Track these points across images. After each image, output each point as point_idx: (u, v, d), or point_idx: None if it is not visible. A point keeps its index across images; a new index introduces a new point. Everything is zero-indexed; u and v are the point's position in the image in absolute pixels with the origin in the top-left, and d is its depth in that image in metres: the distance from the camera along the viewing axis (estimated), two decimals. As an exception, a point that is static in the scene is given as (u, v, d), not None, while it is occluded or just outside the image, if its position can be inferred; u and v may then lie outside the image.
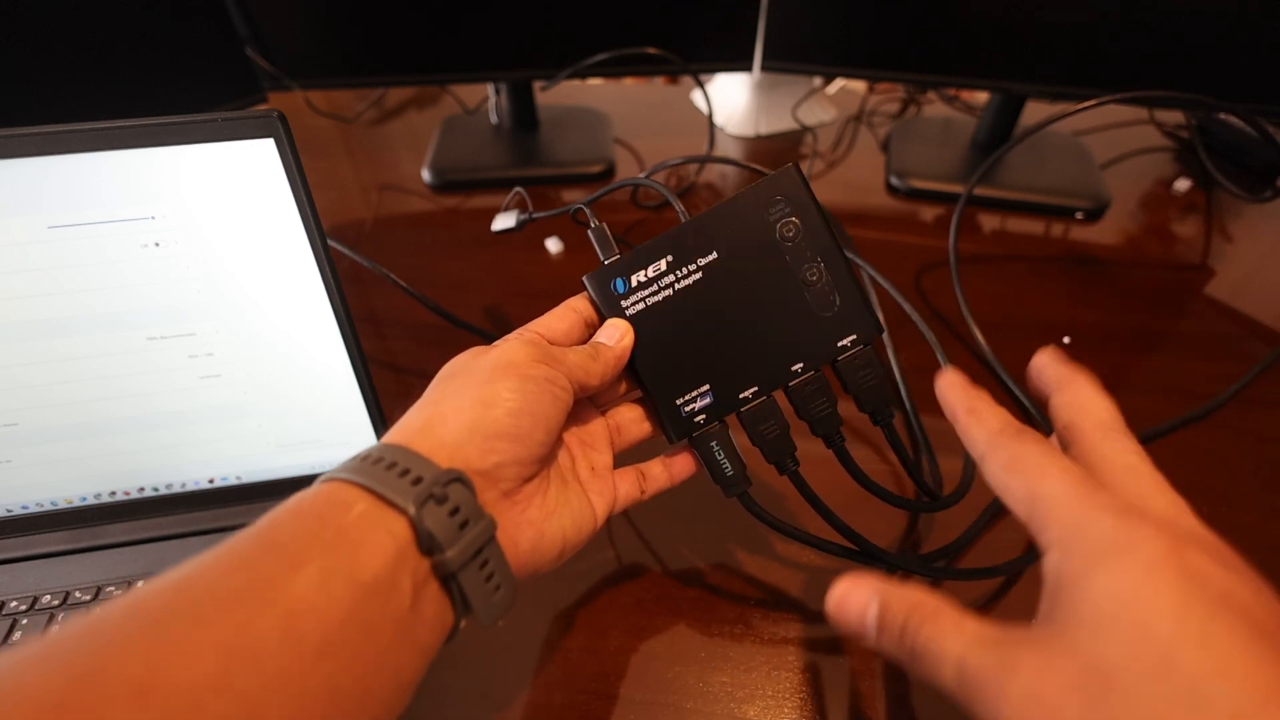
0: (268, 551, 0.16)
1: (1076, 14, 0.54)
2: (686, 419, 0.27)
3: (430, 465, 0.19)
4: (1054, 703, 0.15)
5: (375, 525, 0.18)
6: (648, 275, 0.26)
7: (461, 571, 0.19)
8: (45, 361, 0.30)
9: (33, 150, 0.27)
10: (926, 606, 0.18)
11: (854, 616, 0.19)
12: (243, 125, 0.28)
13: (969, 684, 0.16)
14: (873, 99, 0.80)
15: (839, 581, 0.20)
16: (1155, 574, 0.15)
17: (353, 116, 0.77)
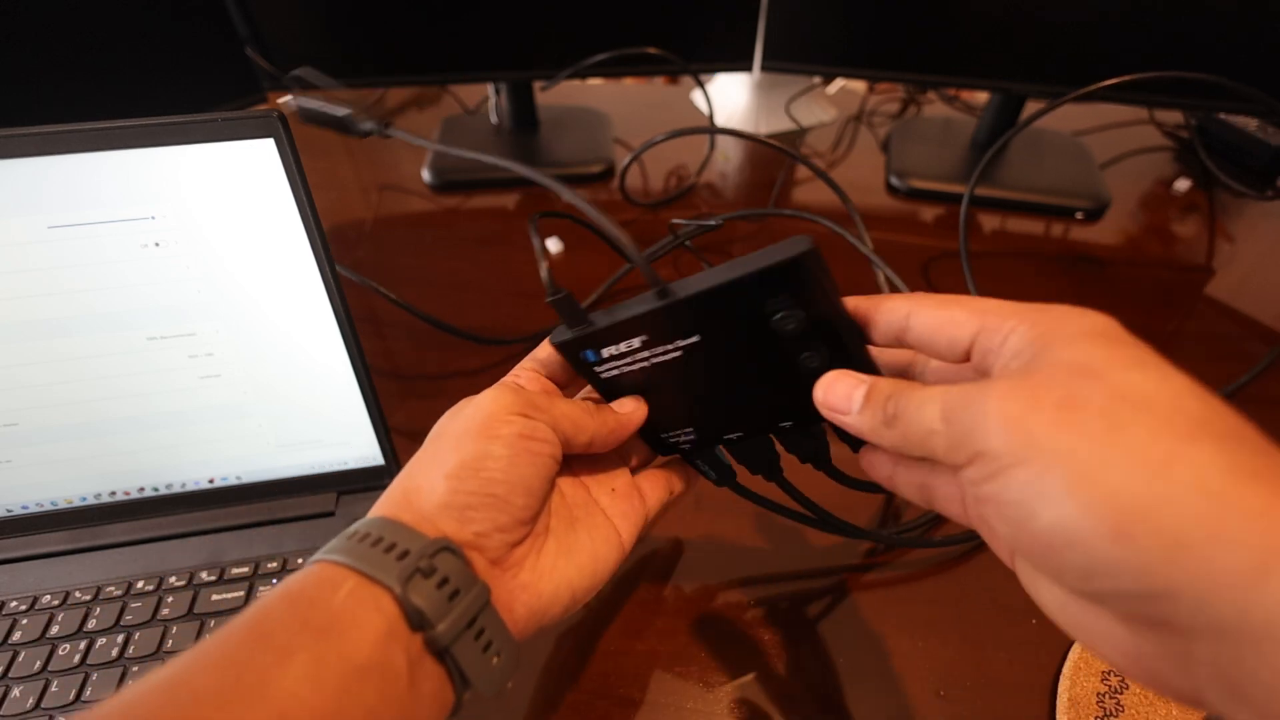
0: (255, 644, 0.16)
1: (1076, 14, 0.54)
2: (672, 445, 0.27)
3: (416, 537, 0.19)
4: (1038, 387, 0.15)
5: (363, 603, 0.17)
6: (619, 350, 0.24)
7: (455, 644, 0.18)
8: (45, 361, 0.30)
9: (32, 150, 0.27)
10: (910, 381, 0.19)
11: (841, 397, 0.20)
12: (242, 125, 0.28)
13: (951, 416, 0.17)
14: (873, 99, 0.81)
15: (826, 375, 0.21)
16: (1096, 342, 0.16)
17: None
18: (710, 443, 0.26)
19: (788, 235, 0.21)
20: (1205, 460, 0.13)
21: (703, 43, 0.63)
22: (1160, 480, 0.13)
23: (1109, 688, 0.29)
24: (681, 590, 0.34)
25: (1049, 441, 0.14)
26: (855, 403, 0.19)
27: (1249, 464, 0.13)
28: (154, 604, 0.31)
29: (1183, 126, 0.73)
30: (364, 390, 0.34)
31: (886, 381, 0.19)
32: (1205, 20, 0.51)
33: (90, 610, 0.31)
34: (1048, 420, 0.15)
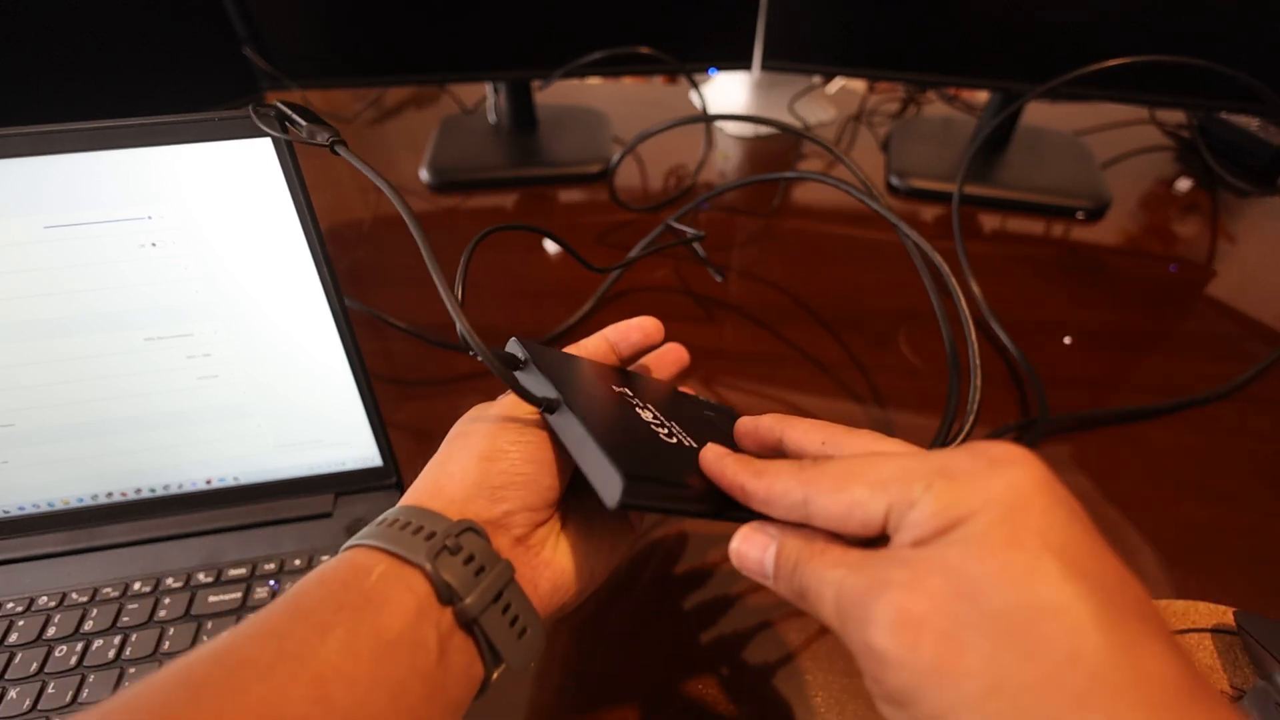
0: (296, 619, 0.17)
1: (1076, 13, 0.53)
2: None
3: (442, 520, 0.20)
4: (919, 618, 0.15)
5: (395, 583, 0.19)
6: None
7: (483, 616, 0.19)
8: (42, 362, 0.30)
9: (28, 150, 0.27)
10: (815, 543, 0.18)
11: (754, 562, 0.20)
12: (239, 124, 0.27)
13: (845, 607, 0.16)
14: (872, 99, 0.80)
15: (738, 531, 0.20)
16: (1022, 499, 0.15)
17: (351, 116, 0.77)
18: None
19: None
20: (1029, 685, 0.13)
21: (702, 41, 0.63)
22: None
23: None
24: (681, 592, 0.34)
25: (934, 696, 0.14)
26: (768, 568, 0.19)
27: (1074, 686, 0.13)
28: (151, 605, 0.31)
29: (1184, 126, 0.73)
30: (362, 391, 0.34)
31: (792, 545, 0.19)
32: (1205, 19, 0.51)
33: (87, 612, 0.31)
34: (930, 663, 0.14)
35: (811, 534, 0.19)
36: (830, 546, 0.18)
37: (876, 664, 0.15)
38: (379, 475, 0.36)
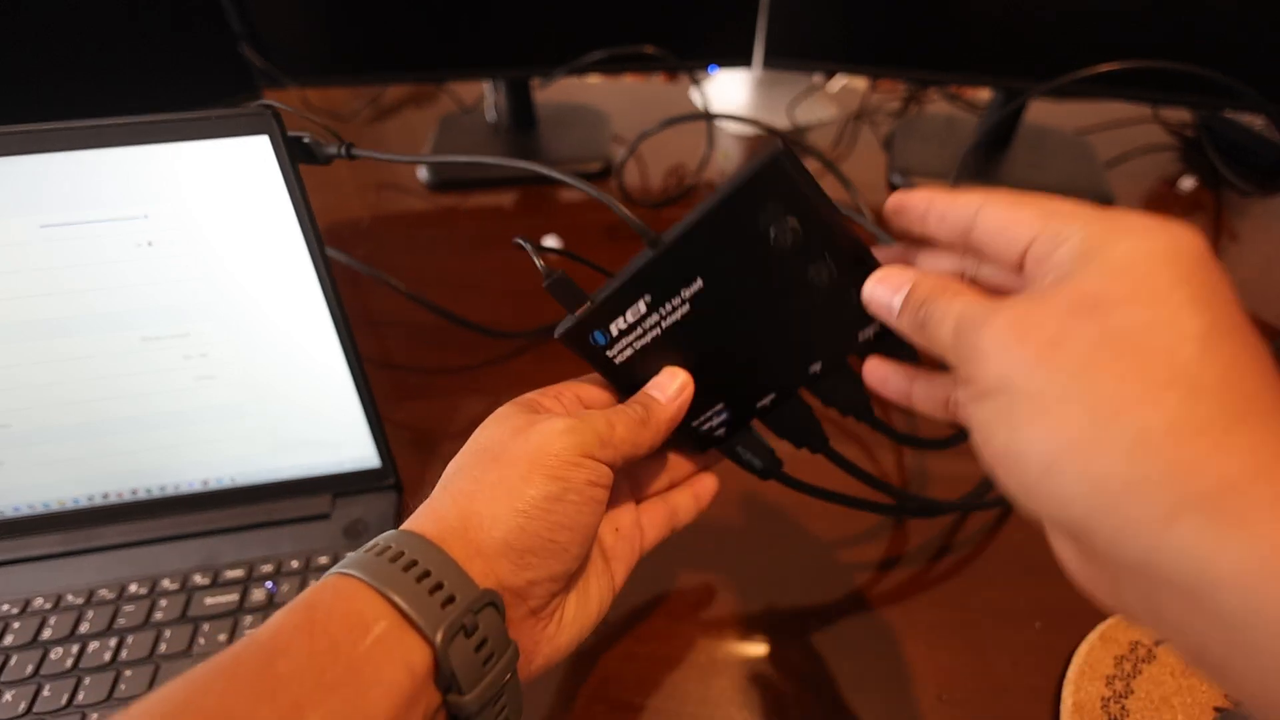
0: (262, 698, 0.14)
1: (1078, 11, 0.53)
2: (706, 435, 0.25)
3: (466, 582, 0.17)
4: (1035, 321, 0.15)
5: (392, 654, 0.16)
6: (628, 321, 0.23)
7: (478, 716, 0.17)
8: (38, 362, 0.30)
9: (24, 148, 0.26)
10: (951, 285, 0.19)
11: (883, 301, 0.20)
12: (236, 122, 0.27)
13: (960, 329, 0.17)
14: (874, 97, 0.80)
15: (876, 272, 0.21)
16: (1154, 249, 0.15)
17: (349, 115, 0.77)
18: (745, 417, 0.25)
19: None
20: (1158, 412, 0.13)
21: (703, 40, 0.62)
22: (1102, 427, 0.14)
23: (1114, 693, 0.28)
24: (681, 595, 0.33)
25: (1023, 379, 0.15)
26: (895, 303, 0.20)
27: (1210, 418, 0.13)
28: (148, 607, 0.31)
29: (1188, 125, 0.73)
30: (360, 391, 0.33)
31: (927, 282, 0.19)
32: (1208, 18, 0.51)
33: (83, 614, 0.31)
34: (1031, 356, 0.15)
35: (945, 276, 0.19)
36: (964, 287, 0.18)
37: (977, 361, 0.16)
38: (377, 476, 0.36)
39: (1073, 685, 0.29)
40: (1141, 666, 0.29)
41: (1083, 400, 0.14)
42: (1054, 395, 0.15)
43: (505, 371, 0.46)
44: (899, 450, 0.40)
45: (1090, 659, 0.29)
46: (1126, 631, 0.30)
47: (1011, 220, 0.17)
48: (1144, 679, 0.29)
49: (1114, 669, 0.29)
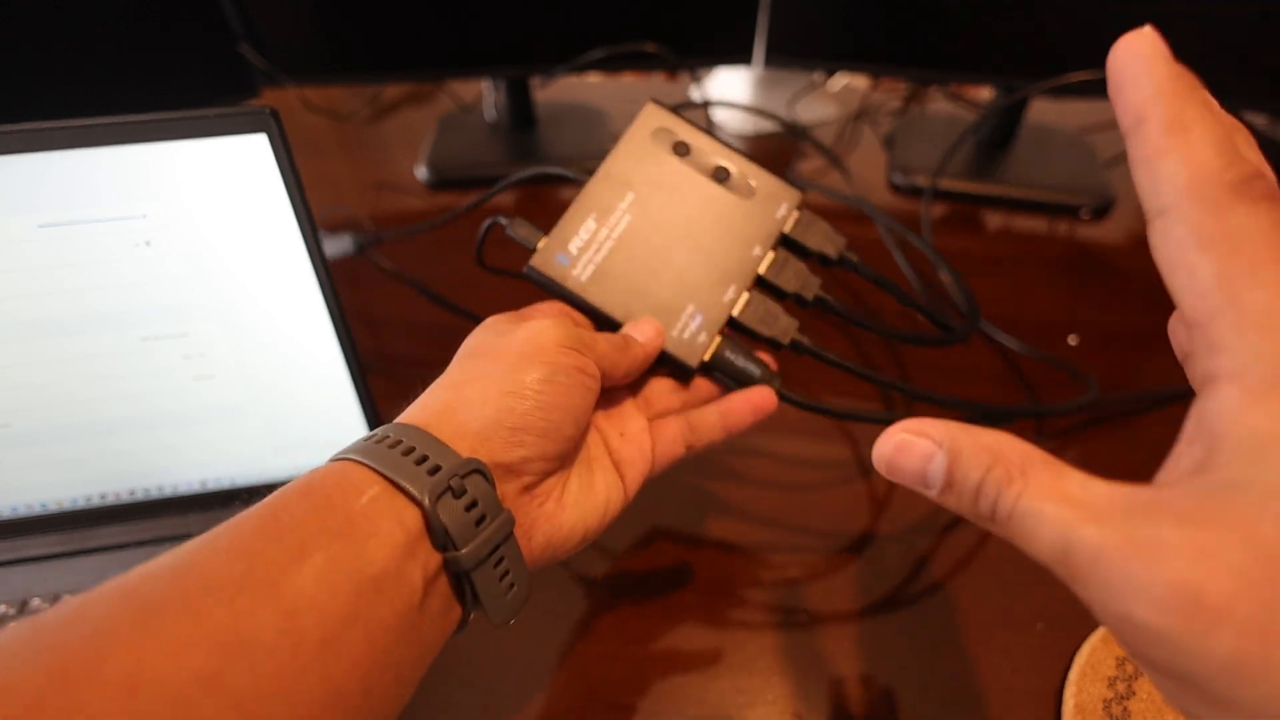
0: (270, 538, 0.15)
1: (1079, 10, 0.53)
2: (689, 344, 0.27)
3: (449, 453, 0.18)
4: (1216, 602, 0.11)
5: (385, 514, 0.17)
6: (583, 238, 0.27)
7: (475, 570, 0.18)
8: (36, 362, 0.30)
9: (20, 147, 0.26)
10: (1010, 459, 0.14)
11: (913, 470, 0.15)
12: (235, 121, 0.27)
13: (1082, 565, 0.12)
14: (875, 96, 0.80)
15: (893, 429, 0.16)
16: None
17: (348, 114, 0.77)
18: (715, 310, 0.28)
19: None
20: None
21: (703, 38, 0.62)
22: None
23: (1115, 694, 0.28)
24: (681, 595, 0.33)
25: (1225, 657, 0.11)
26: (935, 481, 0.15)
27: None
28: (146, 608, 0.31)
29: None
30: (358, 390, 0.33)
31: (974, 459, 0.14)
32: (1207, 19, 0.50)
33: (81, 615, 0.30)
34: (1228, 637, 0.11)
35: (1001, 440, 0.14)
36: (1038, 465, 0.14)
37: (1141, 638, 0.12)
38: (377, 476, 0.36)
39: (1074, 686, 0.29)
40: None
41: None
42: None
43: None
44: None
45: (1092, 660, 0.29)
46: (1128, 632, 0.30)
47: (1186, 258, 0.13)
48: (1146, 680, 0.28)
49: (1116, 670, 0.29)
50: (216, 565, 0.15)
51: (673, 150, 0.28)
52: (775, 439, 0.31)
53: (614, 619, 0.32)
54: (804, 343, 0.28)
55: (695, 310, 0.27)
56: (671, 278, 0.27)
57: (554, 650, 0.31)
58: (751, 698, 0.29)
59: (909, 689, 0.30)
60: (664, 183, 0.28)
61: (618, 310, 0.27)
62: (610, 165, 0.28)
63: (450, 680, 0.30)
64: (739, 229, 0.28)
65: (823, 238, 0.29)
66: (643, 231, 0.28)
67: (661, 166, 0.28)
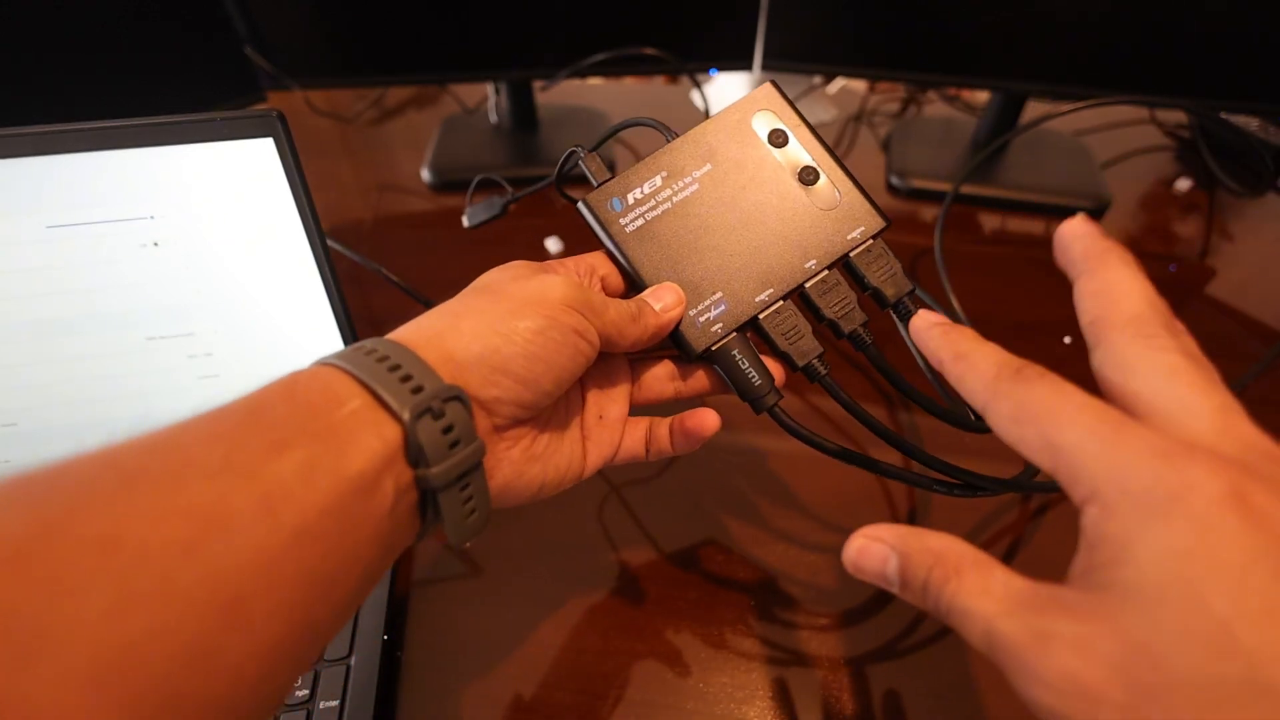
0: (251, 430, 0.16)
1: (1078, 13, 0.53)
2: (703, 330, 0.26)
3: (433, 376, 0.19)
4: (1094, 687, 0.13)
5: (366, 425, 0.17)
6: (643, 191, 0.26)
7: (443, 491, 0.19)
8: (44, 361, 0.30)
9: (31, 150, 0.27)
10: (948, 560, 0.17)
11: (874, 572, 0.18)
12: (241, 125, 0.28)
13: (1000, 653, 0.15)
14: (873, 98, 0.80)
15: (855, 535, 0.19)
16: (1210, 531, 0.13)
17: (352, 116, 0.77)
18: (741, 310, 0.26)
19: None
20: None
21: (703, 42, 0.63)
22: None
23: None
24: (681, 591, 0.34)
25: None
26: (891, 580, 0.18)
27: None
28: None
29: (1183, 126, 0.73)
30: (363, 390, 0.34)
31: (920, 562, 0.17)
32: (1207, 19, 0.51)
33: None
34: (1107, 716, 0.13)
35: (941, 543, 0.17)
36: (969, 566, 0.16)
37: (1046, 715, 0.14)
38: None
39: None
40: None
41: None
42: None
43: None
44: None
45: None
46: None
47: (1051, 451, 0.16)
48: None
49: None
50: (197, 447, 0.15)
51: (768, 137, 0.27)
52: (776, 438, 0.32)
53: (614, 614, 0.33)
54: (819, 371, 0.26)
55: (722, 299, 0.26)
56: (712, 260, 0.26)
57: (553, 645, 0.31)
58: (750, 692, 0.30)
59: (906, 685, 0.30)
60: (745, 165, 0.27)
61: (647, 271, 0.26)
62: (701, 131, 0.27)
63: (449, 674, 0.30)
64: (801, 236, 0.26)
65: (887, 276, 0.27)
66: (703, 205, 0.26)
67: (749, 149, 0.27)
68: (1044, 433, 0.16)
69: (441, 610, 0.33)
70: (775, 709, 0.29)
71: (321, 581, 0.15)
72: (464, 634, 0.32)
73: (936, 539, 0.17)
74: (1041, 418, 0.16)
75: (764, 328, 0.26)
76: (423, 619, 0.32)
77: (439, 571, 0.34)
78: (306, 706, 0.28)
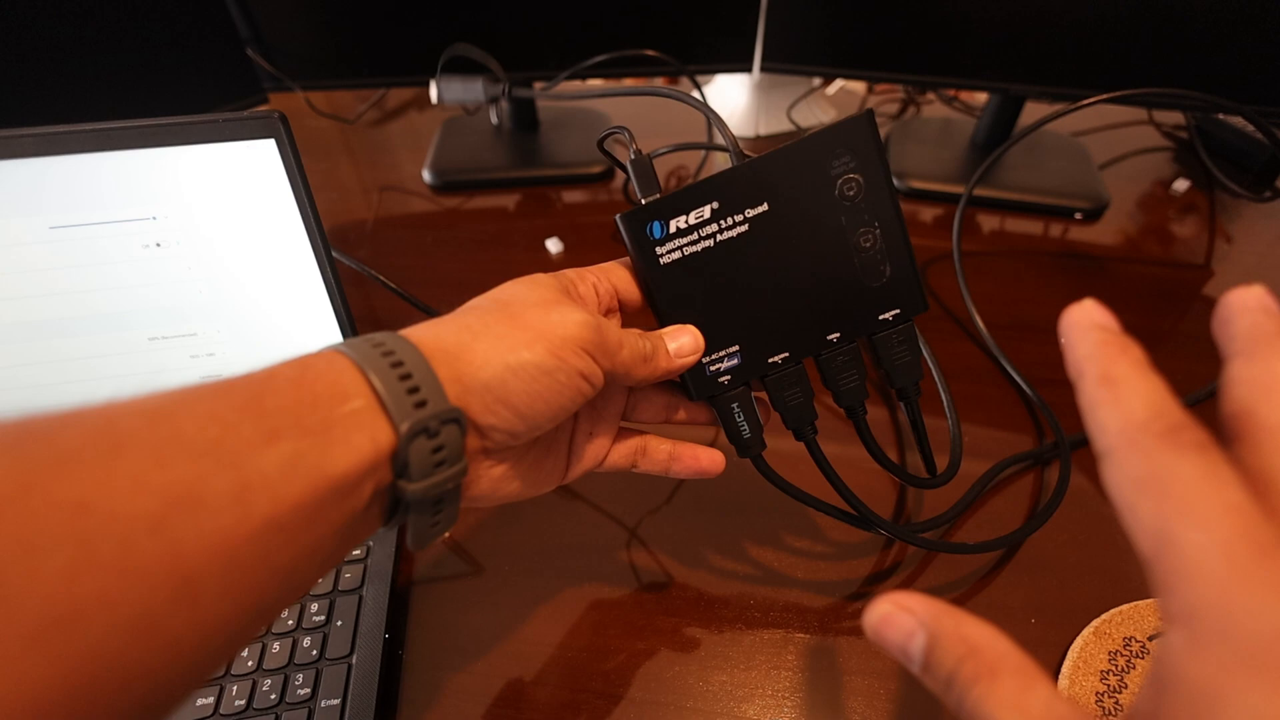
0: (248, 415, 0.16)
1: (1076, 14, 0.54)
2: (710, 379, 0.26)
3: (439, 393, 0.19)
4: None
5: (363, 427, 0.17)
6: (689, 222, 0.24)
7: (415, 506, 0.19)
8: (47, 362, 0.31)
9: (34, 151, 0.27)
10: (983, 656, 0.15)
11: (896, 643, 0.16)
12: (244, 126, 0.28)
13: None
14: (872, 99, 0.81)
15: (882, 599, 0.17)
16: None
17: (353, 117, 0.78)
18: (753, 370, 0.26)
19: None
20: None
21: (703, 44, 0.63)
22: None
23: (1108, 687, 0.29)
24: (680, 589, 0.34)
25: None
26: (914, 658, 0.16)
27: None
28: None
29: (1181, 127, 0.73)
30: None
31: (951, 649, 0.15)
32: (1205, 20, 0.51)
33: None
34: None
35: (980, 634, 0.15)
36: (1007, 671, 0.15)
37: None
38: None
39: (1067, 680, 0.29)
40: (1135, 661, 0.29)
41: None
42: None
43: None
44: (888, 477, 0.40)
45: (1084, 654, 0.30)
46: (1120, 627, 0.31)
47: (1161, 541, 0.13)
48: (1138, 673, 0.29)
49: (1108, 664, 0.29)
50: (191, 425, 0.15)
51: (840, 186, 0.24)
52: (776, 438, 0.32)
53: (614, 613, 0.33)
54: (807, 435, 0.28)
55: (737, 352, 0.26)
56: (739, 312, 0.25)
57: (554, 643, 0.32)
58: (749, 691, 0.30)
59: (908, 683, 0.30)
60: (804, 216, 0.24)
61: (670, 309, 0.25)
62: (772, 162, 0.24)
63: (450, 673, 0.30)
64: (836, 305, 0.25)
65: (904, 362, 0.26)
66: (748, 251, 0.24)
67: (815, 196, 0.24)
68: (1166, 518, 0.13)
69: (443, 609, 0.33)
70: (775, 708, 0.29)
71: (280, 571, 0.16)
72: (465, 633, 0.32)
73: (975, 627, 0.15)
74: (1173, 499, 0.13)
75: (768, 385, 0.27)
76: (424, 618, 0.33)
77: (440, 571, 0.35)
78: (308, 705, 0.28)
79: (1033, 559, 0.34)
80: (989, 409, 0.43)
